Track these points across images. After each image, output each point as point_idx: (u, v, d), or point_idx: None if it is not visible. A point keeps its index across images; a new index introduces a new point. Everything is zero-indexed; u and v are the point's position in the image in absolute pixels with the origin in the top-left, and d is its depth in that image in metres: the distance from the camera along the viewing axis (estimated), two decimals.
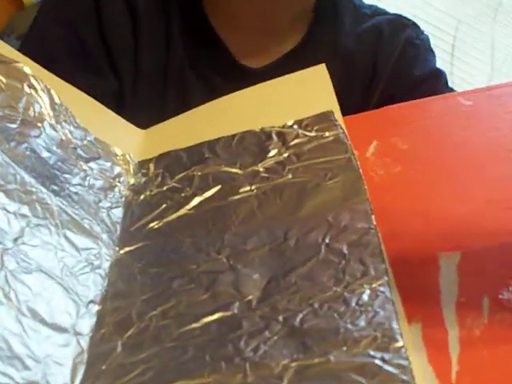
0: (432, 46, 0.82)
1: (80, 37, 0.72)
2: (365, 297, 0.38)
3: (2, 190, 0.43)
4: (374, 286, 0.38)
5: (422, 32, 0.80)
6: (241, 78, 0.75)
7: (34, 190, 0.45)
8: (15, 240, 0.41)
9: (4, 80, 0.51)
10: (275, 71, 0.75)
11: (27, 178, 0.45)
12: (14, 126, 0.49)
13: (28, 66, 0.53)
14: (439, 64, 0.81)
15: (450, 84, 0.80)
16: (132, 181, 0.54)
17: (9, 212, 0.42)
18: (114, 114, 0.60)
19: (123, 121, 0.60)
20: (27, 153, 0.48)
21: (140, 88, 0.74)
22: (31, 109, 0.51)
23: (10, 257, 0.40)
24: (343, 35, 0.78)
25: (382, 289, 0.38)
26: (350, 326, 0.36)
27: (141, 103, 0.75)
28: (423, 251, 0.41)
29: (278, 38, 0.76)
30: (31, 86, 0.52)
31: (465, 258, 0.40)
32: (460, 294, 0.37)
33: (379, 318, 0.36)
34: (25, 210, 0.43)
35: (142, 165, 0.55)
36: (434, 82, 0.77)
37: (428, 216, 0.44)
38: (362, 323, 0.36)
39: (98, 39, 0.72)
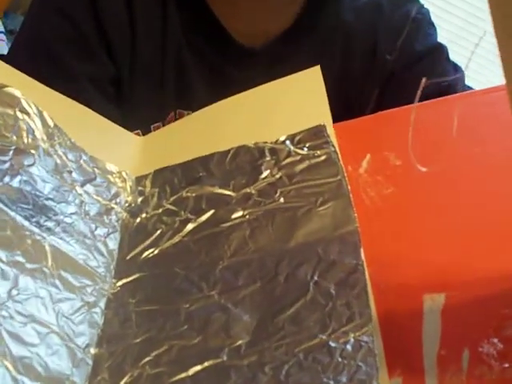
0: None
1: (75, 25, 0.71)
2: (349, 347, 0.38)
3: None
4: (358, 334, 0.39)
5: (422, 6, 0.78)
6: (240, 57, 0.74)
7: (27, 233, 0.46)
8: (9, 291, 0.42)
9: None
10: (275, 50, 0.75)
11: (20, 220, 0.46)
12: (6, 157, 0.49)
13: (18, 89, 0.53)
14: None
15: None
16: (129, 199, 0.55)
17: (2, 262, 0.43)
18: (109, 122, 0.60)
19: (120, 129, 0.60)
20: (21, 187, 0.48)
21: (138, 74, 0.74)
22: (24, 135, 0.51)
23: (5, 312, 0.41)
24: (342, 9, 0.76)
25: (365, 339, 0.39)
26: (332, 382, 0.37)
27: (139, 89, 0.74)
28: (408, 293, 0.41)
29: (277, 15, 0.75)
30: (23, 111, 0.52)
31: (449, 302, 0.40)
32: (441, 345, 0.38)
33: (360, 374, 0.37)
34: (18, 256, 0.44)
35: (139, 181, 0.56)
36: (436, 57, 0.76)
37: (413, 254, 0.44)
38: (344, 379, 0.37)
39: (93, 27, 0.71)
